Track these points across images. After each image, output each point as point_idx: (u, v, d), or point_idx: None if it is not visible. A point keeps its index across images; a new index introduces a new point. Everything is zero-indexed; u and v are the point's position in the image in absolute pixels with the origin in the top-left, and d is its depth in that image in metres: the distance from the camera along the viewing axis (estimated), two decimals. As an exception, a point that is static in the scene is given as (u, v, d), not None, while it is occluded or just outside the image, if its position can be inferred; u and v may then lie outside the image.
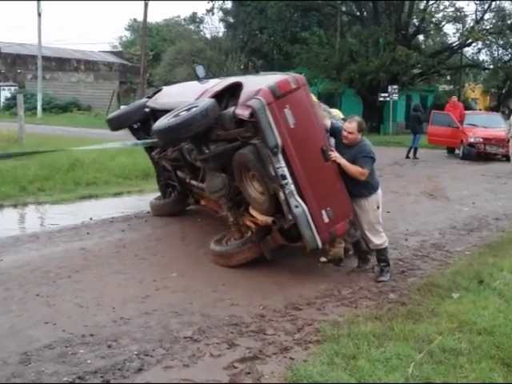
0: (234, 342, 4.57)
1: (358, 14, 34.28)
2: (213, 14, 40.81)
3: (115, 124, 9.28)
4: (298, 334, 4.78)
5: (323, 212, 5.95)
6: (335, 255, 6.62)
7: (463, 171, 16.63)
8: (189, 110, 6.44)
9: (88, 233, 8.09)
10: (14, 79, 44.99)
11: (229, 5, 39.72)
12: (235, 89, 6.69)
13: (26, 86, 42.88)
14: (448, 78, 39.00)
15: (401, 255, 7.33)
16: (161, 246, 7.54)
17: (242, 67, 36.78)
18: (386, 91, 28.19)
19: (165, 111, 7.20)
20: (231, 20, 40.79)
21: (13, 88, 42.90)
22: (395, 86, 28.10)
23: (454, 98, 23.07)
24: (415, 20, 32.74)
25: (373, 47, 30.58)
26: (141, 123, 9.12)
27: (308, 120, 5.98)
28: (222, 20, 41.64)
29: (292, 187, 5.81)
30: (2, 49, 45.37)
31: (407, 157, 19.44)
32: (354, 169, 6.10)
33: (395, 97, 28.24)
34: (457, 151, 20.69)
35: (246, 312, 5.24)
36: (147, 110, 8.77)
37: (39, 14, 37.17)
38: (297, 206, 5.81)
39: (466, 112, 22.15)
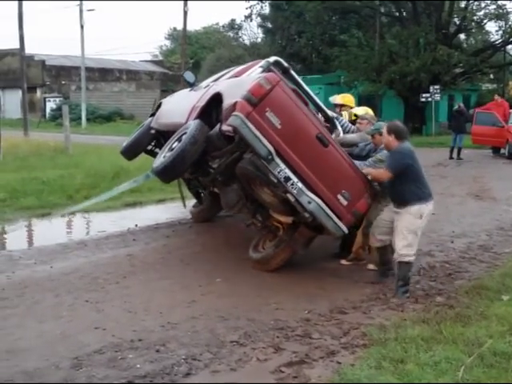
0: (280, 347, 4.57)
1: (398, 14, 33.94)
2: (251, 20, 40.97)
3: (130, 154, 9.34)
4: (344, 337, 4.76)
5: (339, 196, 5.90)
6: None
7: (509, 171, 16.28)
8: (179, 139, 6.49)
9: (134, 239, 8.22)
10: (59, 90, 46.06)
11: (267, 10, 39.88)
12: (218, 99, 6.61)
13: (71, 96, 43.87)
14: (491, 76, 38.17)
15: (447, 257, 7.23)
16: (205, 251, 7.61)
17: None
18: (428, 91, 27.78)
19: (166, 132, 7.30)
20: (269, 25, 40.92)
21: (58, 99, 43.95)
22: (437, 86, 27.66)
23: (497, 97, 22.59)
24: (456, 19, 32.22)
25: (413, 48, 30.19)
26: (154, 143, 9.15)
27: (292, 114, 5.88)
28: (260, 26, 41.86)
29: (300, 185, 5.78)
30: (47, 61, 46.51)
31: (451, 157, 19.13)
32: (375, 172, 6.01)
33: (437, 97, 27.80)
34: (502, 150, 20.25)
35: (291, 316, 5.24)
36: (152, 131, 8.83)
37: (82, 26, 38.02)
38: (310, 202, 5.79)
39: (512, 110, 21.67)
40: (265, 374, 4.12)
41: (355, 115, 7.90)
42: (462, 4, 31.84)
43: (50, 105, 43.79)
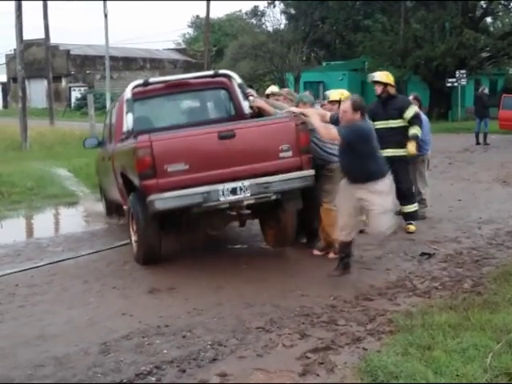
0: (306, 333, 4.57)
1: (423, -2, 33.43)
2: (274, 7, 40.81)
3: None
4: (370, 324, 4.73)
5: (282, 154, 6.02)
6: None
7: (538, 156, 15.99)
8: None
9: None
10: (84, 80, 46.46)
11: (290, -4, 39.60)
12: None
13: (95, 86, 44.20)
14: (519, 60, 37.49)
15: (474, 244, 7.14)
16: (228, 238, 7.63)
17: (304, 58, 36.59)
18: (454, 76, 27.41)
19: None
20: (292, 11, 40.62)
21: (83, 88, 44.38)
22: (463, 71, 27.27)
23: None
24: (482, 2, 31.64)
25: (438, 32, 29.75)
26: None
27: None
28: (283, 12, 41.55)
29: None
30: (72, 51, 46.91)
31: (477, 143, 18.87)
32: (323, 127, 5.69)
33: (463, 82, 27.41)
34: (530, 136, 19.91)
35: (316, 303, 5.23)
36: None
37: (105, 16, 38.11)
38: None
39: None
40: (291, 360, 4.12)
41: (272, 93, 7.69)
42: (489, -14, 31.23)
43: (75, 94, 44.25)
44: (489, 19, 35.55)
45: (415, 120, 7.56)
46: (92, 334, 4.64)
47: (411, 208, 7.76)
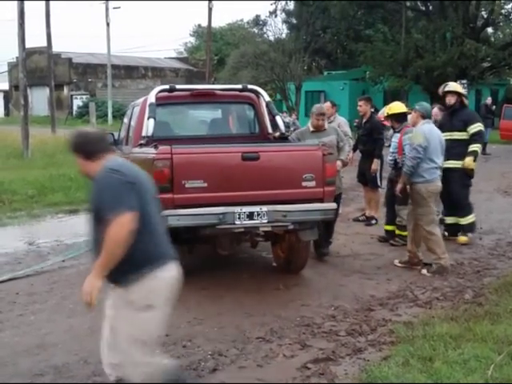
0: (307, 343, 4.57)
1: (424, 8, 33.54)
2: (276, 16, 40.82)
3: None
4: (371, 335, 4.72)
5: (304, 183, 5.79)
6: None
7: (539, 166, 15.99)
8: None
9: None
10: (86, 88, 46.54)
11: (291, 6, 39.72)
12: None
13: (97, 94, 44.31)
14: (520, 70, 37.57)
15: (476, 254, 7.14)
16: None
17: (305, 68, 36.66)
18: (455, 86, 27.43)
19: None
20: (294, 21, 40.72)
21: (84, 96, 44.45)
22: (464, 81, 27.25)
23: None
24: (483, 12, 31.73)
25: (440, 42, 29.82)
26: None
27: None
28: (284, 21, 41.60)
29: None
30: (74, 59, 47.01)
31: (479, 153, 18.85)
32: None
33: (464, 92, 27.45)
34: (531, 146, 19.94)
35: (317, 313, 5.22)
36: None
37: (108, 24, 38.36)
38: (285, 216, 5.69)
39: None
40: (291, 371, 4.11)
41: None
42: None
43: (77, 102, 44.30)
44: (490, 29, 35.63)
45: (477, 137, 7.62)
46: (92, 343, 4.60)
47: (467, 220, 7.76)
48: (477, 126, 7.59)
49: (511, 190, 11.96)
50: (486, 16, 31.89)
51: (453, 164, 7.43)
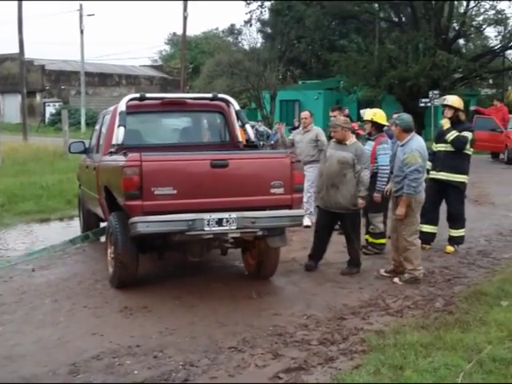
0: (279, 353, 4.56)
1: (397, 19, 33.97)
2: (251, 26, 40.86)
3: None
4: (343, 343, 4.74)
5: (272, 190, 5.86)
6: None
7: (508, 176, 16.27)
8: None
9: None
10: (59, 95, 46.17)
11: (266, 15, 39.92)
12: None
13: (70, 101, 43.97)
14: (490, 81, 38.22)
15: (446, 263, 7.21)
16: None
17: (280, 77, 36.82)
18: (427, 97, 27.78)
19: None
20: (269, 30, 40.97)
21: (57, 104, 44.08)
22: (436, 91, 27.64)
23: (496, 102, 22.63)
24: (455, 24, 32.23)
25: (412, 53, 30.18)
26: None
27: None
28: (259, 31, 41.83)
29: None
30: (47, 66, 46.63)
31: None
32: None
33: (436, 102, 27.79)
34: (501, 156, 20.25)
35: (289, 322, 5.22)
36: None
37: (82, 31, 38.14)
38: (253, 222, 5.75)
39: (511, 116, 21.69)
40: (263, 381, 4.10)
41: None
42: (462, 9, 31.84)
43: (50, 109, 43.91)
44: (461, 41, 36.22)
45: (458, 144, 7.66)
46: (61, 354, 4.55)
47: (458, 233, 7.87)
48: (454, 133, 7.65)
49: (482, 199, 12.12)
50: (457, 28, 32.40)
51: (446, 176, 7.67)
